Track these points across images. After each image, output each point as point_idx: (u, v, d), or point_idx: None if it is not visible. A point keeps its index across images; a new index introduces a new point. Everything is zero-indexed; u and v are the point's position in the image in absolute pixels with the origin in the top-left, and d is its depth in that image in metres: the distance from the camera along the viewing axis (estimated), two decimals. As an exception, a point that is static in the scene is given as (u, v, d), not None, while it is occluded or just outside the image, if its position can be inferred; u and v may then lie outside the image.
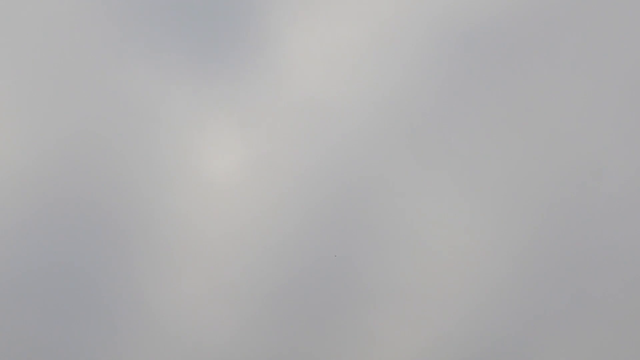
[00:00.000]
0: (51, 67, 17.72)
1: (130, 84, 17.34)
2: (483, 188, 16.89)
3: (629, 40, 17.97)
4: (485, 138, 17.49)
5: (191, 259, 16.31)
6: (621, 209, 17.73)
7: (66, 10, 17.28)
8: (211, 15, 17.35)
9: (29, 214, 17.19)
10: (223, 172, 17.07)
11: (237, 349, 16.39)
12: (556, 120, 17.96)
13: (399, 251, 16.37)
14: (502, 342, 16.65)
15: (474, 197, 16.65)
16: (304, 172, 16.53)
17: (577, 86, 18.06)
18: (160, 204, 16.98)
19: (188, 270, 16.24)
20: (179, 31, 17.10)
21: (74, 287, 16.89)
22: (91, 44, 17.40)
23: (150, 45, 17.46)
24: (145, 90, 17.05)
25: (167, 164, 17.02)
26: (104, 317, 16.63)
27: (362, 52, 17.61)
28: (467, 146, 17.19)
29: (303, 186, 16.49)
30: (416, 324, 16.52)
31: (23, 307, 16.52)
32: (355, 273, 16.57)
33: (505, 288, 16.84)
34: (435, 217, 16.54)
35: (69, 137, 17.87)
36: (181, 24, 17.17)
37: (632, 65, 17.81)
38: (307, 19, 17.61)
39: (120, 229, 17.12)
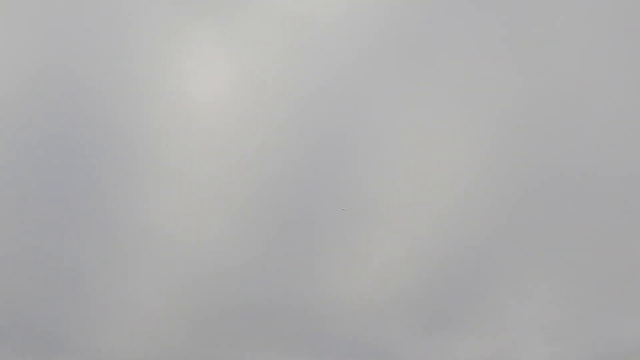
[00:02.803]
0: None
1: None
2: (471, 107, 16.70)
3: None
4: (475, 59, 17.20)
5: (177, 175, 16.04)
6: (608, 134, 17.69)
7: None
8: None
9: (21, 134, 16.73)
10: (206, 90, 16.61)
11: (222, 253, 16.35)
12: (547, 43, 17.67)
13: (387, 165, 16.24)
14: (483, 254, 16.78)
15: (461, 115, 16.49)
16: (291, 89, 16.13)
17: (570, 10, 17.70)
18: (143, 124, 16.57)
19: (174, 185, 15.98)
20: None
21: (69, 200, 16.63)
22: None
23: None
24: (120, 4, 16.35)
25: (147, 83, 16.50)
26: (99, 228, 16.46)
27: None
28: (457, 66, 16.90)
29: (290, 103, 16.11)
30: (403, 234, 16.54)
31: (20, 222, 16.32)
32: (345, 187, 16.42)
33: (489, 203, 16.87)
34: (424, 134, 16.38)
35: (47, 60, 17.17)
36: None
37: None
38: None
39: (104, 149, 16.71)
